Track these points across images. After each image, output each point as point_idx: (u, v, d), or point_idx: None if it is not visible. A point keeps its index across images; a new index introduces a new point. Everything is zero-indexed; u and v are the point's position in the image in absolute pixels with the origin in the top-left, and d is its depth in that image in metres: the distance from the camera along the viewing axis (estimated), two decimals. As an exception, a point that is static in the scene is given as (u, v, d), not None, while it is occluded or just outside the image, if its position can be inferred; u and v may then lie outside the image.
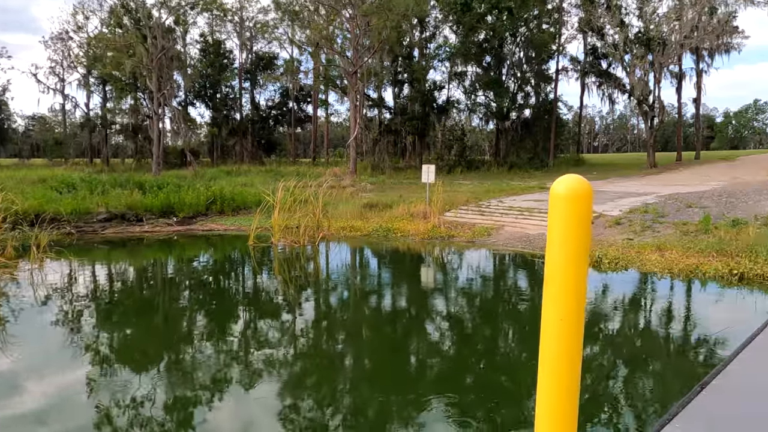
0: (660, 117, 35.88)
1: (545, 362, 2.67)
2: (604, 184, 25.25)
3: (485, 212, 19.75)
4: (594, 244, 14.16)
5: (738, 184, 21.79)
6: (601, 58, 39.69)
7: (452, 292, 11.19)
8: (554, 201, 2.57)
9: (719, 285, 10.84)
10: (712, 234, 13.63)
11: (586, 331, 8.42)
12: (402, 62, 41.43)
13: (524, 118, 42.20)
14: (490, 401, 6.00)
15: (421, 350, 7.83)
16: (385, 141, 41.24)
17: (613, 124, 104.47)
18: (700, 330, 8.51)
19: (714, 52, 37.61)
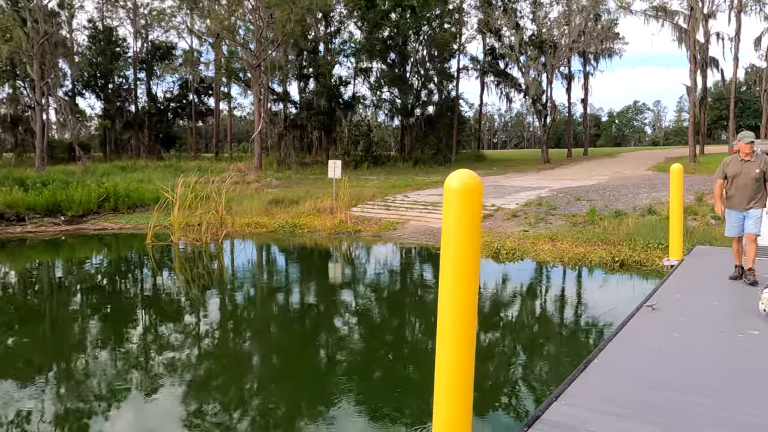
0: (552, 115, 38.21)
1: (442, 350, 2.81)
2: (502, 179, 26.52)
3: (391, 207, 20.09)
4: (493, 236, 14.87)
5: (620, 178, 23.73)
6: (499, 59, 41.56)
7: (360, 286, 11.32)
8: (448, 195, 2.70)
9: (604, 271, 11.78)
10: (598, 225, 14.76)
11: (486, 319, 8.85)
12: (307, 56, 41.06)
13: (428, 114, 43.30)
14: (395, 391, 6.16)
15: (330, 345, 7.86)
16: (290, 136, 40.70)
17: (511, 122, 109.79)
18: (587, 313, 9.21)
19: (599, 55, 40.58)
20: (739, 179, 6.90)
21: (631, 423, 3.47)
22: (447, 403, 2.79)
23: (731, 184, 7.00)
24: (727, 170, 7.03)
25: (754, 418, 3.53)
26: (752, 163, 6.87)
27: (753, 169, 6.85)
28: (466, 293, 2.71)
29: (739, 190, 6.93)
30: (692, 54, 31.50)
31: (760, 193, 6.93)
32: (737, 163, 6.96)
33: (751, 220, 6.92)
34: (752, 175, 6.83)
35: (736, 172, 6.93)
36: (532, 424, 3.43)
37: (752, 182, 6.87)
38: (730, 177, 6.99)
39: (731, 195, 7.04)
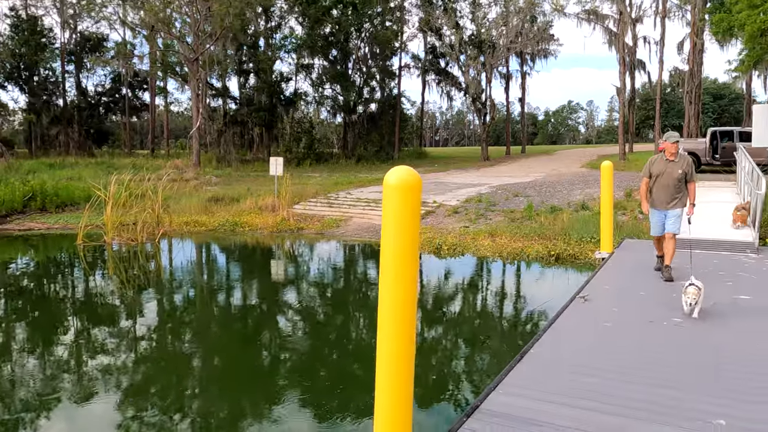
0: (491, 114, 39.12)
1: (382, 344, 2.84)
2: (444, 176, 26.94)
3: (334, 204, 20.04)
4: (435, 233, 15.09)
5: (555, 175, 24.59)
6: (439, 57, 42.11)
7: (303, 284, 11.24)
8: (387, 192, 2.74)
9: (540, 265, 12.19)
10: (535, 220, 15.26)
11: (429, 313, 8.99)
12: (247, 51, 40.24)
13: (370, 111, 43.38)
14: (338, 388, 6.17)
15: (273, 344, 7.78)
16: (230, 132, 39.80)
17: (452, 120, 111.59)
18: (525, 305, 9.52)
19: (535, 56, 41.83)
20: (663, 178, 7.02)
21: (565, 409, 3.62)
22: (388, 397, 2.83)
23: (655, 182, 7.13)
24: (653, 169, 7.15)
25: (680, 402, 3.76)
26: (676, 164, 6.99)
27: (676, 169, 6.97)
28: (405, 288, 2.75)
29: (662, 189, 7.06)
30: (621, 56, 33.01)
31: (681, 192, 7.07)
32: (662, 163, 7.08)
33: (671, 219, 7.06)
34: (675, 175, 6.96)
35: (661, 171, 7.05)
36: (470, 414, 3.53)
37: (674, 182, 6.99)
38: (654, 176, 7.11)
39: (655, 193, 7.16)
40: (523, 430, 3.32)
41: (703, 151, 22.78)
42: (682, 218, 7.10)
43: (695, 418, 3.48)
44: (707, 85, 60.32)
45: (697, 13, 30.91)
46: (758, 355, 4.57)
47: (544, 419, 3.45)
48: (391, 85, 43.59)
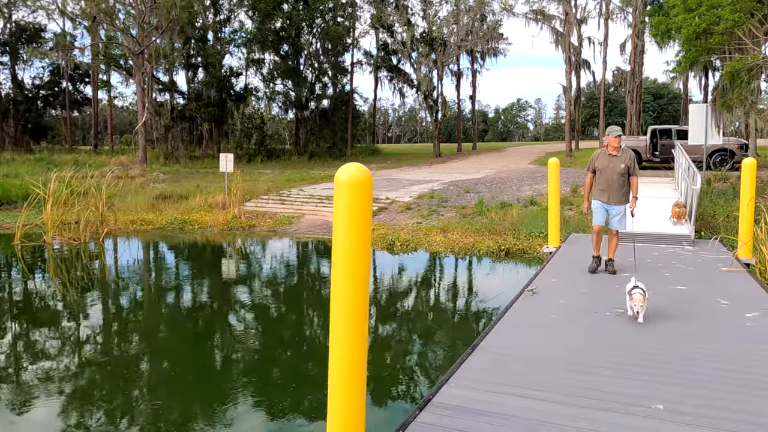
0: (443, 111, 39.54)
1: (335, 341, 2.85)
2: (397, 173, 27.08)
3: (286, 201, 19.83)
4: (387, 229, 15.17)
5: (505, 171, 25.10)
6: (391, 54, 42.22)
7: (254, 282, 11.08)
8: (338, 188, 2.74)
9: (491, 259, 12.44)
10: (485, 216, 15.54)
11: (382, 309, 9.04)
12: (195, 45, 39.22)
13: (323, 108, 43.10)
14: (291, 386, 6.12)
15: (224, 344, 7.64)
16: (178, 128, 38.73)
17: (405, 117, 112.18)
18: (477, 299, 9.69)
19: (485, 54, 42.50)
20: (607, 173, 7.12)
21: (515, 399, 3.71)
22: (341, 394, 2.83)
23: (599, 177, 7.23)
24: (597, 164, 7.25)
25: (623, 389, 3.92)
26: (619, 158, 7.08)
27: (619, 163, 7.05)
28: (358, 285, 2.76)
29: (606, 183, 7.15)
30: (568, 56, 33.97)
31: (625, 188, 7.16)
32: (605, 157, 7.17)
33: (616, 217, 7.22)
34: (618, 169, 7.04)
35: (604, 166, 7.15)
36: (423, 407, 3.58)
37: (618, 177, 7.07)
38: (598, 170, 7.23)
39: (599, 188, 7.28)
40: (474, 422, 3.39)
41: (644, 149, 23.74)
42: (626, 215, 7.25)
43: (637, 403, 3.63)
44: (648, 85, 62.87)
45: (638, 15, 32.14)
46: (693, 343, 4.81)
47: (494, 410, 3.54)
48: (344, 82, 43.44)
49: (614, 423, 3.38)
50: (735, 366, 4.28)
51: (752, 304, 5.98)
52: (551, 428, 3.32)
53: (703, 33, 14.89)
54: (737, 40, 14.60)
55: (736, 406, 3.59)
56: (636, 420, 3.42)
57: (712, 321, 5.43)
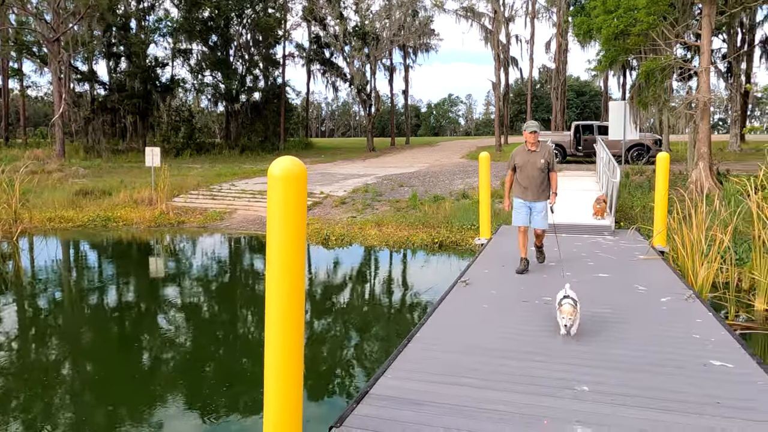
0: (376, 105, 39.67)
1: (270, 338, 2.80)
2: (331, 167, 26.94)
3: (217, 196, 19.31)
4: (322, 223, 15.08)
5: (438, 165, 25.53)
6: (324, 48, 41.88)
7: (185, 281, 10.73)
8: (272, 182, 2.69)
9: (425, 252, 12.63)
10: (419, 209, 15.76)
11: (319, 304, 8.98)
12: (117, 33, 37.34)
13: (254, 101, 42.21)
14: (225, 385, 5.99)
15: (154, 346, 7.36)
16: (100, 120, 36.79)
17: (338, 110, 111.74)
18: (412, 292, 9.82)
19: (417, 50, 42.97)
20: (526, 169, 6.97)
21: (451, 387, 3.80)
22: (277, 391, 2.79)
23: (520, 174, 7.07)
24: (516, 160, 7.08)
25: (552, 372, 4.09)
26: (537, 153, 6.93)
27: (538, 159, 6.90)
28: (293, 280, 2.73)
29: (527, 180, 7.00)
30: (496, 53, 34.89)
31: (545, 183, 7.01)
32: (524, 153, 7.02)
33: (539, 216, 7.03)
34: (538, 165, 6.89)
35: (524, 163, 7.00)
36: (360, 399, 3.59)
37: (538, 173, 6.92)
38: (518, 167, 7.07)
39: (519, 185, 7.10)
40: (411, 411, 3.43)
41: (568, 144, 24.79)
42: (547, 212, 7.13)
43: (565, 386, 3.81)
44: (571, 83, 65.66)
45: (562, 15, 33.44)
46: (615, 327, 5.09)
47: (431, 399, 3.60)
48: (275, 74, 42.72)
49: (545, 406, 3.52)
50: (653, 347, 4.56)
51: (666, 289, 6.40)
52: (486, 414, 3.41)
53: (621, 34, 15.70)
54: (652, 41, 15.49)
55: (654, 384, 3.83)
56: (564, 402, 3.58)
57: (632, 306, 5.75)
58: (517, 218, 7.13)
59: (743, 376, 4.00)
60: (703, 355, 4.38)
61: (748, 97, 33.08)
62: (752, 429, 3.23)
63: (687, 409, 3.48)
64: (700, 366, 4.17)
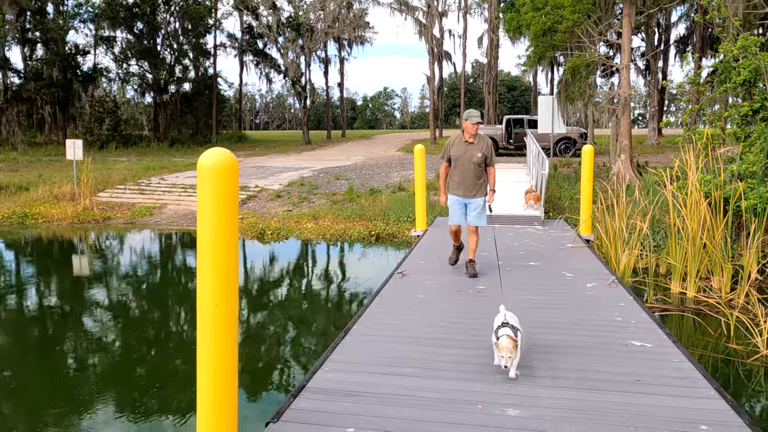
0: (311, 98, 39.33)
1: (203, 335, 2.73)
2: (266, 160, 26.47)
3: (146, 191, 18.56)
4: (258, 217, 14.82)
5: (374, 158, 25.61)
6: (257, 38, 41.00)
7: (112, 279, 10.26)
8: (202, 175, 2.61)
9: (362, 245, 12.66)
10: (356, 202, 15.77)
11: (255, 299, 8.83)
12: (32, 18, 35.02)
13: (184, 92, 40.79)
14: (156, 387, 5.79)
15: (79, 348, 7.00)
16: (14, 111, 34.45)
17: (273, 103, 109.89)
18: (350, 284, 9.82)
19: (352, 42, 42.81)
20: (463, 162, 6.40)
21: (389, 377, 3.83)
22: (211, 389, 2.73)
23: (455, 167, 6.50)
24: (452, 152, 6.50)
25: (489, 359, 4.20)
26: (475, 146, 6.37)
27: (476, 152, 6.35)
28: (225, 274, 2.66)
29: (462, 175, 6.44)
30: (431, 47, 35.33)
31: (482, 178, 6.49)
32: (461, 145, 6.43)
33: (474, 212, 6.49)
34: (475, 159, 6.35)
35: (460, 155, 6.42)
36: (297, 394, 3.56)
37: (475, 167, 6.38)
38: (453, 160, 6.50)
39: (455, 179, 6.55)
40: (349, 403, 3.44)
41: (500, 137, 25.49)
42: (485, 209, 6.58)
43: (497, 372, 3.93)
44: (503, 77, 67.46)
45: (493, 11, 34.24)
46: (545, 313, 5.29)
47: (369, 390, 3.62)
48: (206, 65, 41.45)
49: (478, 391, 3.62)
50: (579, 331, 4.78)
51: (592, 275, 6.71)
52: (422, 401, 3.47)
53: (549, 30, 16.27)
54: (577, 38, 16.14)
55: (580, 366, 4.01)
56: (496, 386, 3.70)
57: (560, 292, 6.00)
58: (452, 217, 6.67)
59: (660, 354, 4.26)
60: (625, 337, 4.63)
61: (664, 94, 35.15)
62: (667, 402, 3.46)
63: (611, 387, 3.68)
64: (622, 347, 4.41)
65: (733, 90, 11.16)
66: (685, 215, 8.39)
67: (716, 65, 11.86)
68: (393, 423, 3.20)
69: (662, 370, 3.96)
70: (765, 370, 5.67)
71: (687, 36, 33.63)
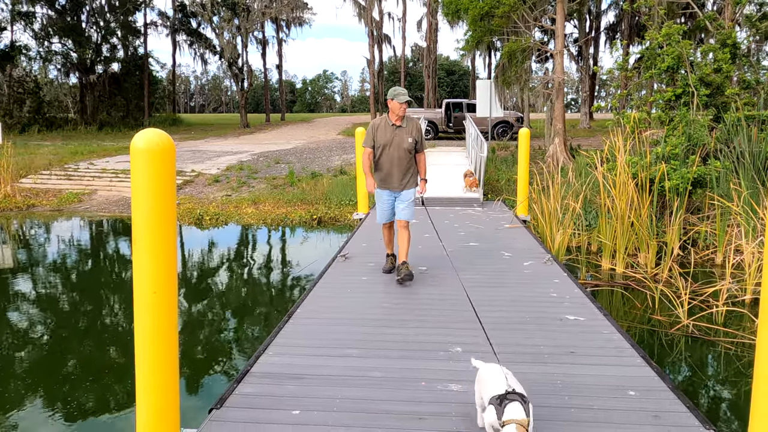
0: (249, 80, 38.33)
1: (141, 325, 2.64)
2: (202, 144, 25.70)
3: (74, 176, 17.66)
4: (195, 203, 14.41)
5: (315, 142, 25.35)
6: (191, 17, 39.48)
7: (39, 270, 9.74)
8: (136, 157, 2.51)
9: (304, 229, 12.57)
10: (297, 186, 15.59)
11: (195, 287, 8.62)
12: (-62, -10, 32.31)
13: (113, 72, 38.85)
14: (89, 380, 5.57)
15: (2, 345, 6.62)
16: None
17: (209, 85, 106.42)
18: (293, 269, 9.74)
19: (290, 23, 41.96)
20: (391, 149, 5.56)
21: (333, 359, 3.85)
22: (151, 379, 2.65)
23: (381, 155, 5.62)
24: (378, 137, 5.57)
25: (431, 337, 4.29)
26: (404, 130, 5.53)
27: (406, 137, 5.53)
28: (163, 261, 2.58)
29: (390, 163, 5.59)
30: (370, 30, 35.15)
31: (412, 167, 5.70)
32: (388, 129, 5.54)
33: (404, 204, 5.67)
34: (405, 145, 5.53)
35: (387, 141, 5.54)
36: (241, 379, 3.53)
37: (405, 154, 5.55)
38: (379, 146, 5.60)
39: (382, 170, 5.66)
40: (294, 386, 3.44)
41: (440, 120, 25.77)
42: (413, 202, 5.79)
43: (441, 349, 4.02)
44: (442, 62, 68.06)
45: (432, -6, 34.32)
46: (484, 291, 5.45)
47: (313, 372, 3.63)
48: (136, 44, 39.60)
49: (422, 368, 3.70)
50: (517, 307, 4.96)
51: (528, 254, 6.95)
52: (367, 381, 3.51)
53: (486, 15, 16.52)
54: (513, 23, 16.47)
55: (518, 341, 4.17)
56: (439, 363, 3.79)
57: (499, 271, 6.19)
58: (381, 214, 5.84)
59: (592, 327, 4.49)
60: (560, 312, 4.84)
61: (595, 79, 36.52)
62: (598, 371, 3.65)
63: (547, 360, 3.84)
64: (557, 321, 4.61)
65: (658, 76, 11.75)
66: (614, 195, 8.80)
67: (642, 52, 12.43)
68: (339, 403, 3.23)
69: (594, 342, 4.17)
70: (685, 338, 6.07)
71: (616, 23, 34.99)
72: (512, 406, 2.55)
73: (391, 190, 5.73)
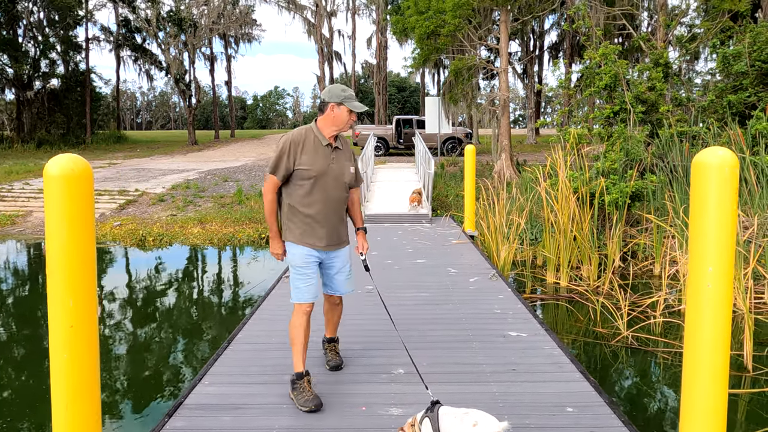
0: (197, 96, 37.67)
1: (57, 362, 2.48)
2: (147, 162, 24.99)
3: (7, 197, 16.82)
4: (138, 223, 13.95)
5: (265, 159, 25.04)
6: (135, 32, 38.59)
7: (-35, 298, 9.16)
8: (50, 185, 2.37)
9: (253, 248, 12.33)
10: (245, 204, 15.32)
11: (137, 312, 8.29)
12: None
13: (52, 88, 37.41)
14: (5, 420, 5.24)
15: None
16: None
17: (156, 101, 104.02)
18: (241, 290, 9.51)
19: (239, 39, 41.60)
20: (325, 184, 3.49)
21: (274, 387, 3.74)
22: (70, 419, 2.49)
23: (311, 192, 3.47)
24: (301, 160, 3.45)
25: (374, 359, 4.22)
26: (342, 154, 3.60)
27: (346, 164, 3.60)
28: (82, 292, 2.44)
29: (322, 204, 3.49)
30: (320, 47, 35.21)
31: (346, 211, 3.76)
32: (319, 150, 3.48)
33: (343, 275, 3.82)
34: (345, 177, 3.57)
35: (321, 170, 3.47)
36: (173, 412, 3.38)
37: (343, 191, 3.60)
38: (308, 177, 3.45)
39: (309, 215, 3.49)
40: (231, 417, 3.31)
41: (390, 137, 25.95)
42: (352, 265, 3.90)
43: (382, 371, 3.96)
44: (392, 78, 68.86)
45: (381, 13, 34.77)
46: (429, 309, 5.44)
47: (253, 402, 3.51)
48: (77, 59, 38.32)
49: (364, 393, 3.63)
50: (461, 325, 4.97)
51: (474, 270, 7.02)
52: (306, 409, 3.42)
53: (433, 34, 16.80)
54: (459, 42, 16.81)
55: (461, 360, 4.17)
56: (381, 386, 3.74)
57: (444, 288, 6.21)
58: (304, 289, 3.69)
59: (534, 343, 4.54)
60: (503, 328, 4.88)
61: (540, 96, 37.67)
62: (538, 388, 3.68)
63: (489, 378, 3.85)
64: (500, 338, 4.64)
65: (597, 93, 12.19)
66: (557, 210, 9.02)
67: (582, 71, 12.89)
68: (276, 434, 3.12)
69: (535, 358, 4.21)
70: (626, 350, 6.23)
71: (558, 43, 36.27)
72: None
73: (321, 249, 3.59)
